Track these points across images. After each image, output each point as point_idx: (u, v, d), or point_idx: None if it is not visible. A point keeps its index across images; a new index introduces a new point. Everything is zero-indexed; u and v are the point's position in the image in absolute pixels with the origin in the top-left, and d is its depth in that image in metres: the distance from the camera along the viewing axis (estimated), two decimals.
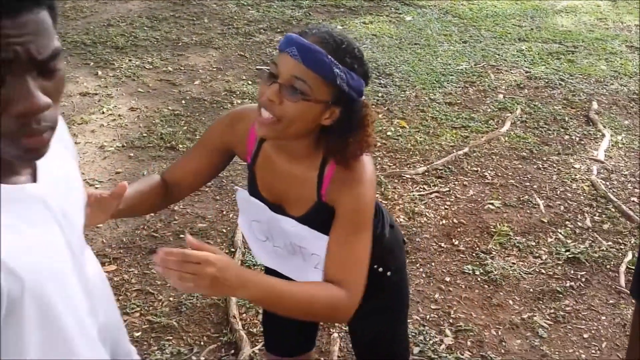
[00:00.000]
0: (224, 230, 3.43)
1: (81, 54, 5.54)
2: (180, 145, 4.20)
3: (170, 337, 2.74)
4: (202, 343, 2.73)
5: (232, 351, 2.68)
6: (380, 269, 1.76)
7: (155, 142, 4.24)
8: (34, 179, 0.95)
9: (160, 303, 2.92)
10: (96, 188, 3.73)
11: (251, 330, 2.78)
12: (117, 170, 3.92)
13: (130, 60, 5.50)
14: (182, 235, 3.37)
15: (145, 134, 4.34)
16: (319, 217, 1.53)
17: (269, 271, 1.77)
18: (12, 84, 0.78)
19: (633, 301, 3.04)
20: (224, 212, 3.58)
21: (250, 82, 5.20)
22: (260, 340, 2.74)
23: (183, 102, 4.83)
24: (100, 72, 5.23)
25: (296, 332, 1.97)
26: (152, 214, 3.52)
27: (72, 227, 0.99)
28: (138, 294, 2.97)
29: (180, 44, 5.90)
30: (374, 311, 1.81)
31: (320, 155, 1.51)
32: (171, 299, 2.95)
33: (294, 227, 1.57)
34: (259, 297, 1.31)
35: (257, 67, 5.48)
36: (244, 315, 2.86)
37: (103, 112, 4.60)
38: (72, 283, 0.96)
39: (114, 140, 4.26)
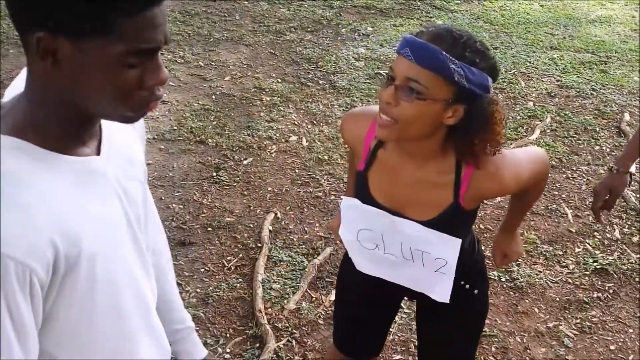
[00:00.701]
0: (251, 225, 3.45)
1: None
2: (210, 140, 4.23)
3: (197, 328, 2.76)
4: (227, 335, 2.75)
5: (257, 345, 2.69)
6: (467, 286, 1.72)
7: (185, 136, 4.27)
8: (97, 152, 0.97)
9: (188, 294, 2.95)
10: None
11: (276, 325, 2.79)
12: (147, 162, 3.94)
13: (162, 54, 5.45)
14: (209, 229, 3.39)
15: (175, 127, 4.37)
16: (451, 220, 1.50)
17: (370, 280, 1.74)
18: (150, 61, 0.92)
19: None
20: (252, 208, 3.60)
21: (279, 80, 5.22)
22: (284, 336, 2.75)
23: (213, 97, 4.87)
24: None
25: (366, 335, 1.96)
26: (181, 206, 3.55)
27: (132, 203, 1.01)
28: None
29: (211, 40, 5.94)
30: (454, 327, 1.79)
31: (453, 157, 1.47)
32: (198, 290, 2.98)
33: (418, 231, 1.53)
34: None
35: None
36: (269, 310, 2.88)
37: None
38: (130, 257, 0.99)
39: (145, 132, 4.30)
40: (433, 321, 1.85)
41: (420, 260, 1.58)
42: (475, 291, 1.76)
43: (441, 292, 1.61)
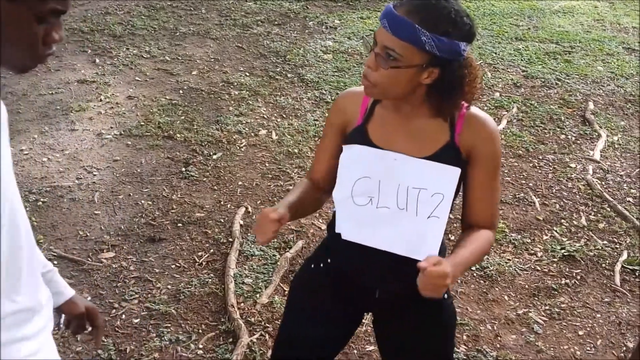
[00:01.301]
0: (222, 220, 3.43)
1: (79, 42, 5.51)
2: (178, 135, 4.19)
3: (169, 325, 2.74)
4: (200, 331, 2.73)
5: (230, 340, 2.68)
6: None
7: (153, 131, 4.22)
8: None
9: (159, 291, 2.92)
10: (94, 175, 3.72)
11: (249, 319, 2.78)
12: (114, 158, 3.91)
13: (127, 48, 5.47)
14: (180, 224, 3.37)
15: (142, 123, 4.32)
16: (448, 158, 1.58)
17: (350, 247, 1.66)
18: (55, 22, 1.10)
19: (629, 300, 3.08)
20: (222, 202, 3.58)
21: (247, 74, 5.19)
22: (257, 330, 2.75)
23: (180, 91, 4.82)
24: (97, 60, 5.20)
25: (321, 351, 1.81)
26: (150, 202, 3.52)
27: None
28: (136, 281, 2.97)
29: (177, 34, 5.88)
30: (426, 333, 1.74)
31: None
32: (169, 286, 2.95)
33: (417, 165, 1.59)
34: (459, 274, 1.54)
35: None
36: (242, 304, 2.87)
37: (101, 100, 4.58)
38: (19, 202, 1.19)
39: (111, 128, 4.25)
40: (400, 332, 1.76)
41: (414, 205, 1.57)
42: (445, 296, 1.72)
43: (429, 248, 1.57)
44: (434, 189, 1.57)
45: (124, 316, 2.78)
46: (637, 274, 3.27)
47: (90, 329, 1.53)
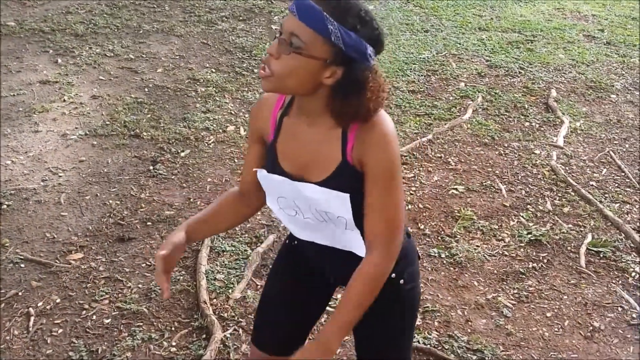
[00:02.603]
0: None
1: (40, 42, 5.43)
2: (145, 134, 4.16)
3: (141, 324, 2.73)
4: (172, 329, 2.72)
5: (204, 336, 2.68)
6: (393, 275, 1.69)
7: (119, 130, 4.19)
8: None
9: (130, 290, 2.90)
10: (60, 177, 3.68)
11: (222, 315, 2.78)
12: (80, 159, 3.87)
13: (90, 47, 5.41)
14: (149, 223, 3.35)
15: (108, 122, 4.28)
16: (343, 179, 1.53)
17: (306, 245, 1.75)
18: None
19: (594, 281, 3.15)
20: (191, 200, 3.57)
21: (214, 70, 5.17)
22: (231, 325, 2.75)
23: (146, 89, 4.78)
24: (60, 60, 5.13)
25: (288, 332, 1.91)
26: (118, 202, 3.49)
27: None
28: (106, 281, 2.95)
29: (141, 32, 5.82)
30: (382, 319, 1.77)
31: None
32: (140, 285, 2.93)
33: (314, 192, 1.56)
34: (344, 337, 1.56)
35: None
36: (215, 300, 2.87)
37: (64, 100, 4.52)
38: None
39: (76, 128, 4.20)
40: (365, 314, 1.79)
41: (331, 221, 1.61)
42: (401, 281, 1.74)
43: (361, 248, 1.62)
44: (335, 212, 1.58)
45: (94, 317, 2.76)
46: (601, 256, 3.35)
47: None
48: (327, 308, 2.02)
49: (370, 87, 1.47)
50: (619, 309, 3.02)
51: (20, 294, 2.85)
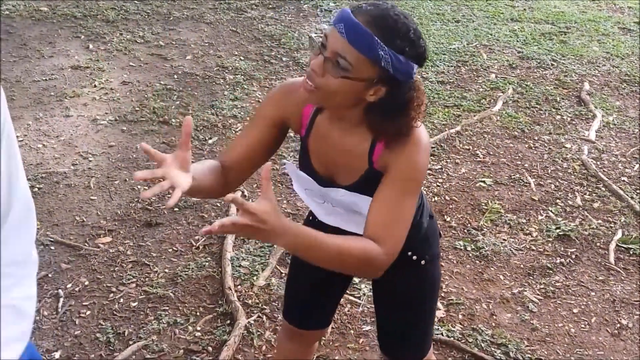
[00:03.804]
0: (218, 204, 3.44)
1: (72, 27, 5.48)
2: (173, 120, 4.18)
3: (167, 308, 2.76)
4: (197, 314, 2.75)
5: (228, 322, 2.70)
6: (415, 257, 1.76)
7: (148, 116, 4.22)
8: None
9: (156, 274, 2.93)
10: (90, 161, 3.72)
11: (246, 301, 2.80)
12: (110, 144, 3.91)
13: (121, 34, 5.45)
14: (176, 209, 3.37)
15: (137, 108, 4.32)
16: (369, 185, 1.53)
17: (331, 229, 1.72)
18: None
19: (622, 278, 3.10)
20: None
21: (242, 58, 5.17)
22: (255, 312, 2.76)
23: (175, 76, 4.81)
24: (91, 46, 5.18)
25: (315, 307, 1.99)
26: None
27: None
28: (134, 265, 2.99)
29: (171, 18, 5.85)
30: (404, 299, 1.82)
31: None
32: (167, 270, 2.96)
33: (343, 196, 1.59)
34: (295, 245, 1.33)
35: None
36: (239, 287, 2.89)
37: (95, 86, 4.57)
38: None
39: (106, 113, 4.24)
40: (385, 293, 1.88)
41: (360, 214, 1.61)
42: (422, 262, 1.78)
43: None
44: (365, 211, 1.55)
45: (122, 300, 2.79)
46: (631, 253, 3.30)
47: None
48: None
49: (414, 107, 1.46)
50: None
51: (50, 275, 2.90)
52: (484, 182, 3.81)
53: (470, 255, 3.22)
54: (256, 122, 1.64)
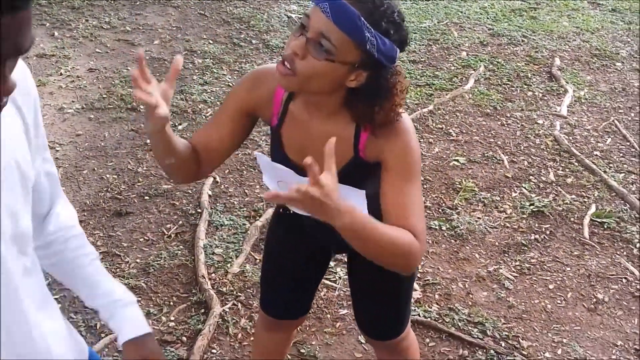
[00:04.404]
0: (190, 191, 3.38)
1: (36, 15, 5.34)
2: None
3: (139, 298, 2.70)
4: (171, 303, 2.70)
5: (202, 310, 2.66)
6: None
7: (116, 104, 4.13)
8: None
9: (128, 265, 2.88)
10: (57, 151, 3.63)
11: (220, 289, 2.76)
12: (77, 133, 3.82)
13: (87, 20, 5.32)
14: (146, 197, 3.31)
15: (105, 95, 4.22)
16: (354, 174, 1.48)
17: (296, 236, 1.76)
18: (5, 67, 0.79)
19: (597, 252, 3.11)
20: None
21: (211, 42, 5.09)
22: (230, 299, 2.73)
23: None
24: (57, 33, 5.05)
25: (294, 297, 1.95)
26: (115, 176, 3.45)
27: None
28: (104, 256, 2.92)
29: (137, 3, 5.73)
30: (380, 280, 1.78)
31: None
32: (138, 260, 2.91)
33: None
34: (352, 225, 1.27)
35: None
36: (213, 275, 2.84)
37: (61, 74, 4.46)
38: None
39: (73, 102, 4.14)
40: (361, 276, 1.85)
41: None
42: None
43: None
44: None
45: None
46: (605, 227, 3.31)
47: None
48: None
49: (398, 92, 1.41)
50: (623, 280, 2.99)
51: None
52: (457, 160, 3.80)
53: (446, 234, 3.21)
54: (225, 110, 1.58)
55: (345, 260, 2.15)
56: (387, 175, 1.45)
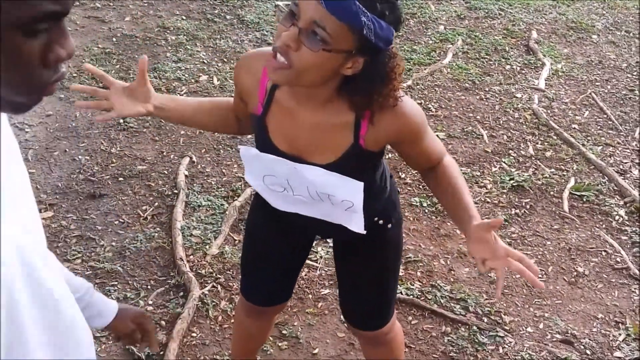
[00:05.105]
0: (165, 172, 3.31)
1: None
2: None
3: (116, 283, 2.64)
4: (149, 287, 2.64)
5: (181, 294, 2.61)
6: (381, 222, 1.69)
7: (87, 83, 4.01)
8: None
9: (103, 248, 2.81)
10: (26, 132, 3.53)
11: (200, 271, 2.71)
12: (47, 113, 3.71)
13: None
14: (121, 179, 3.23)
15: (75, 74, 4.10)
16: (353, 162, 1.44)
17: (278, 220, 1.71)
18: (55, 31, 0.73)
19: (577, 226, 3.11)
20: (164, 153, 3.45)
21: (184, 17, 4.96)
22: (209, 282, 2.68)
23: (114, 39, 4.58)
24: None
25: (277, 284, 1.89)
26: (88, 157, 3.36)
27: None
28: (78, 240, 2.85)
29: None
30: (369, 262, 1.77)
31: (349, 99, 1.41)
32: (113, 244, 2.84)
33: (320, 176, 1.46)
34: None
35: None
36: (191, 257, 2.79)
37: None
38: None
39: None
40: (350, 259, 1.81)
41: (328, 201, 1.53)
42: (389, 225, 1.72)
43: (356, 225, 1.57)
44: (341, 196, 1.48)
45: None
46: (584, 200, 3.31)
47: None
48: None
49: (397, 74, 1.35)
50: (603, 253, 2.99)
51: None
52: (437, 136, 3.75)
53: (427, 211, 3.18)
54: (235, 94, 1.60)
55: (327, 240, 2.12)
56: (403, 147, 1.51)
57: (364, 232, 1.58)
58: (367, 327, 1.88)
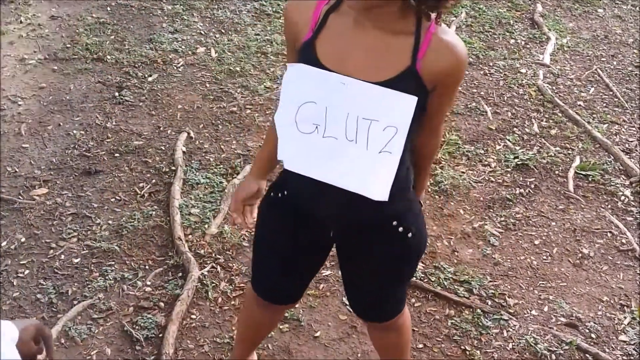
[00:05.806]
0: (163, 148, 3.23)
1: None
2: (108, 57, 3.88)
3: (112, 262, 2.58)
4: (147, 267, 2.58)
5: (180, 274, 2.55)
6: (401, 229, 1.57)
7: (81, 54, 3.91)
8: None
9: (99, 227, 2.74)
10: (19, 105, 3.43)
11: (198, 252, 2.65)
12: (40, 85, 3.61)
13: None
14: (117, 154, 3.15)
15: (69, 45, 3.99)
16: (408, 84, 1.39)
17: (304, 178, 1.52)
18: None
19: (582, 206, 3.06)
20: (162, 128, 3.36)
21: None
22: (208, 262, 2.62)
23: (108, 8, 4.46)
24: None
25: (291, 284, 1.80)
26: (82, 132, 3.27)
27: None
28: (74, 218, 2.78)
29: None
30: (384, 272, 1.67)
31: (413, 19, 1.39)
32: (110, 222, 2.77)
33: (371, 91, 1.39)
34: None
35: None
36: (190, 236, 2.72)
37: (21, 22, 4.20)
38: None
39: (35, 52, 3.91)
40: (360, 264, 1.70)
41: (365, 136, 1.42)
42: (409, 234, 1.60)
43: (380, 185, 1.45)
44: (386, 121, 1.39)
45: (62, 256, 2.60)
46: (589, 180, 3.25)
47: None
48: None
49: None
50: (608, 234, 2.94)
51: None
52: None
53: (429, 190, 3.12)
54: (287, 51, 1.57)
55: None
56: (436, 100, 1.46)
57: (386, 199, 1.45)
58: (381, 319, 1.80)
